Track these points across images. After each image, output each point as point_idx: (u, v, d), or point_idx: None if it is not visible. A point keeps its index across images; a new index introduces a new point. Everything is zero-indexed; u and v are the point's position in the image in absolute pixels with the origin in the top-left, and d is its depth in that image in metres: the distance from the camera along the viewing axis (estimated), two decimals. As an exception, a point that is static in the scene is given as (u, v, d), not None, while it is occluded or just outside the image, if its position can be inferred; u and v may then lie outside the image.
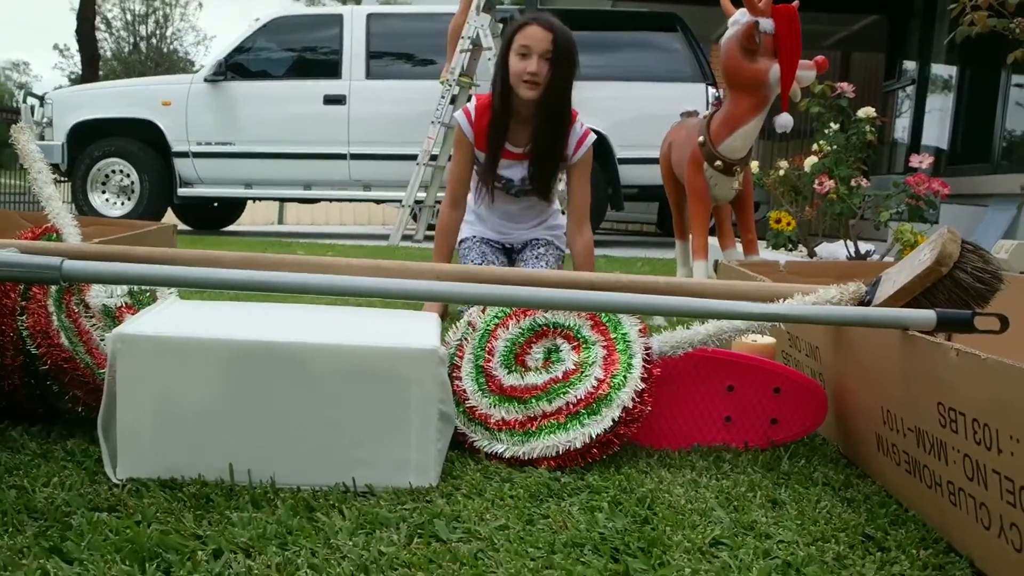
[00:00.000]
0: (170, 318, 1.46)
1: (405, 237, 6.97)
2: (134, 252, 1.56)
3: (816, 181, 4.76)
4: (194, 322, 1.46)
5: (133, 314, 1.65)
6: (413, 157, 6.95)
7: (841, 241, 5.00)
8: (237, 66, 7.52)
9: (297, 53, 7.72)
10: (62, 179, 7.74)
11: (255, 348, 1.34)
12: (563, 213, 3.03)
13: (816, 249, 5.16)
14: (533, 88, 2.56)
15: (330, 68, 7.48)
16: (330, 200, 8.27)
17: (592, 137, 2.77)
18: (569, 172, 2.74)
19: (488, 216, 2.89)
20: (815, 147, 5.00)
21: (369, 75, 7.41)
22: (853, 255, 4.58)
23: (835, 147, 4.86)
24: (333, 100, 7.34)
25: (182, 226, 8.52)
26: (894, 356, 1.36)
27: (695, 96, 6.90)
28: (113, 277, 1.31)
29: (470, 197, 2.86)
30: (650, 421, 1.58)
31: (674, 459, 1.54)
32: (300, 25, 7.80)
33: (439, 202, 7.84)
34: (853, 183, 4.69)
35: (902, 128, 8.32)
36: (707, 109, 5.43)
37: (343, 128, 7.33)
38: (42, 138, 7.53)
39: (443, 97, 6.91)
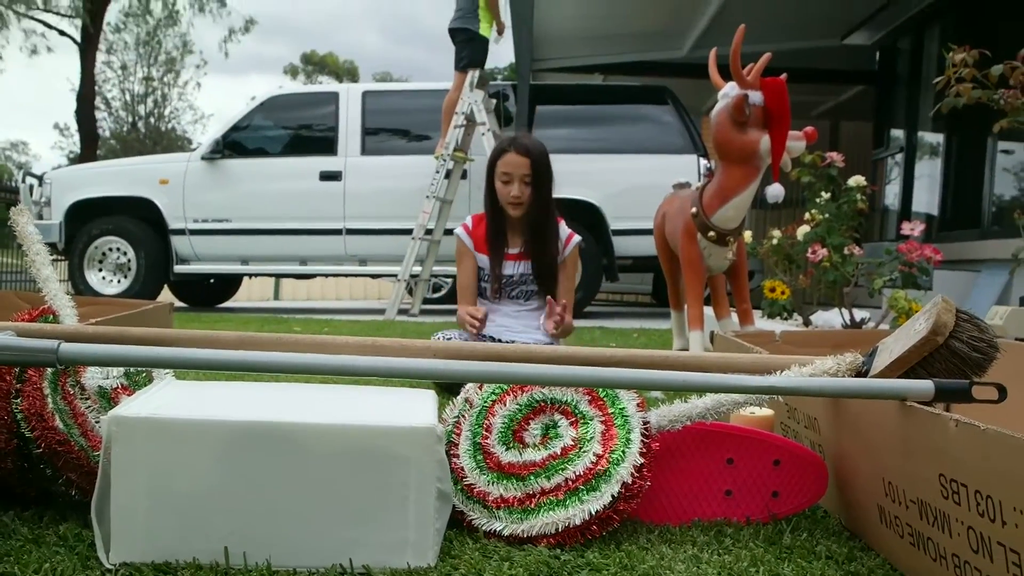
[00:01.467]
0: (166, 399, 1.46)
1: (401, 311, 6.98)
2: (130, 333, 1.56)
3: (809, 250, 4.80)
4: (190, 403, 1.46)
5: (129, 395, 1.64)
6: (408, 232, 7.00)
7: (836, 309, 5.02)
8: (234, 144, 7.62)
9: (293, 130, 7.83)
10: (59, 257, 7.77)
11: (251, 429, 1.33)
12: None
13: (811, 317, 5.17)
14: (518, 207, 2.98)
15: (326, 145, 7.57)
16: (326, 275, 8.31)
17: (577, 239, 3.15)
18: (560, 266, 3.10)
19: (492, 319, 3.06)
20: (807, 216, 5.06)
21: (365, 151, 7.50)
22: (848, 323, 4.60)
23: (827, 216, 4.92)
24: (329, 176, 7.42)
25: (178, 303, 8.53)
26: (893, 427, 1.36)
27: (687, 167, 6.99)
28: (110, 359, 1.31)
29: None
30: (650, 496, 1.56)
31: (675, 534, 1.52)
32: (296, 103, 7.92)
33: (434, 276, 7.92)
34: (846, 251, 4.73)
35: (892, 195, 8.41)
36: (699, 180, 5.50)
37: (339, 204, 7.40)
38: (40, 217, 7.59)
39: (438, 172, 6.99)
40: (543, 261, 3.04)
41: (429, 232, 7.05)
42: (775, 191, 3.56)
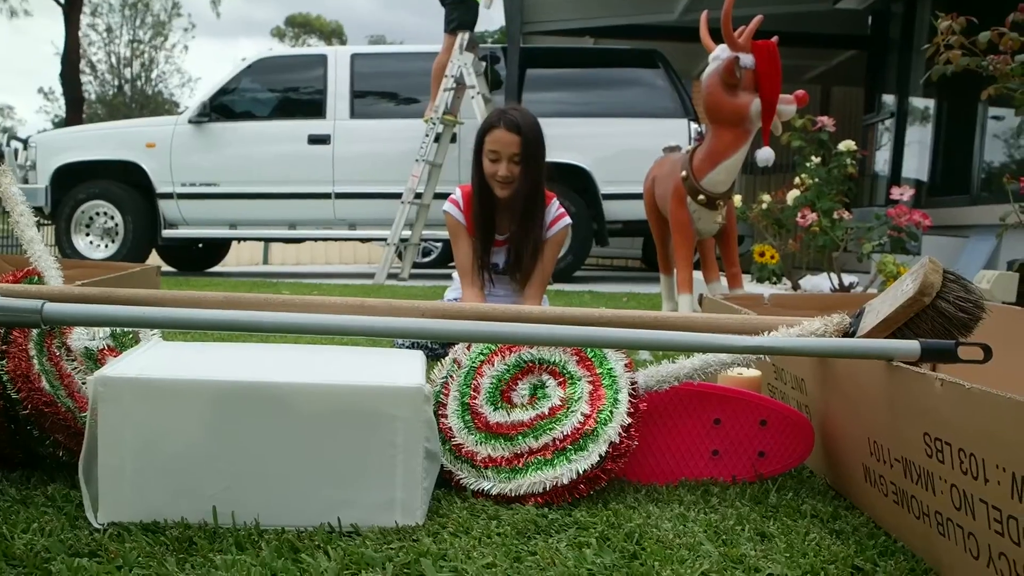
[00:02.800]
0: (152, 360, 1.45)
1: (391, 276, 6.97)
2: (116, 294, 1.55)
3: (799, 214, 4.80)
4: (176, 363, 1.45)
5: (116, 356, 1.63)
6: (398, 196, 6.97)
7: (825, 273, 5.03)
8: (222, 107, 7.55)
9: (282, 93, 7.75)
10: (46, 222, 7.72)
11: (238, 389, 1.33)
12: None
13: (800, 282, 5.18)
14: (506, 187, 2.77)
15: (315, 108, 7.51)
16: (315, 240, 8.28)
17: (566, 221, 2.91)
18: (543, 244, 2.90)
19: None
20: (797, 180, 5.05)
21: (353, 114, 7.45)
22: (837, 287, 4.61)
23: (817, 180, 4.91)
24: (318, 140, 7.37)
25: (166, 267, 8.49)
26: (879, 387, 1.36)
27: (677, 131, 6.96)
28: (95, 319, 1.30)
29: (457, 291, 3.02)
30: (637, 456, 1.57)
31: (662, 493, 1.53)
32: (285, 66, 7.84)
33: (424, 240, 7.90)
34: (835, 215, 4.73)
35: (882, 161, 8.40)
36: (689, 144, 5.48)
37: (328, 167, 7.35)
38: (26, 181, 7.52)
39: (427, 135, 6.95)
40: (522, 246, 2.83)
41: (418, 196, 7.02)
42: (765, 155, 3.55)
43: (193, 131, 7.44)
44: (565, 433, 1.50)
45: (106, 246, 7.49)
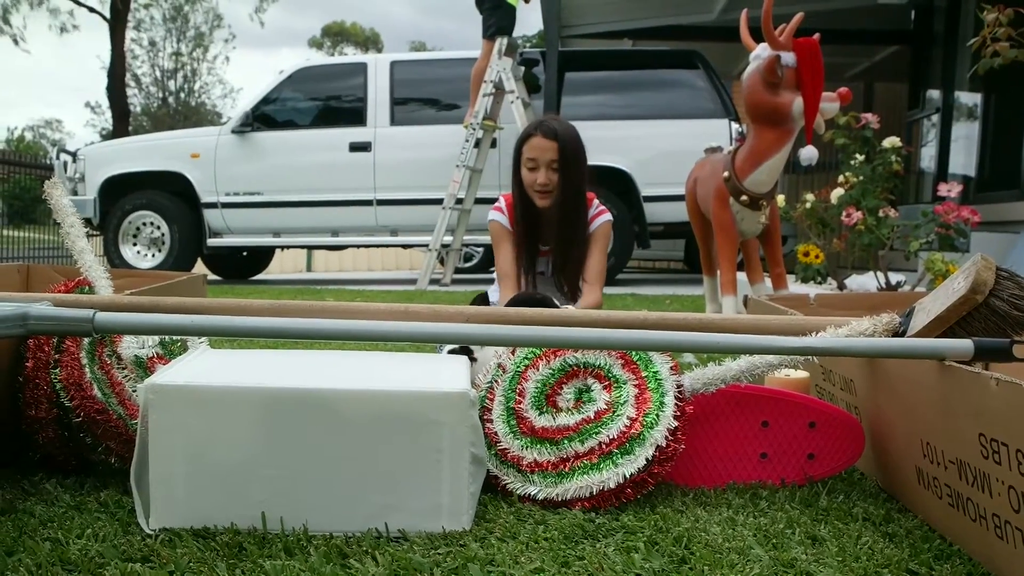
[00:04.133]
0: (201, 367, 1.47)
1: (433, 281, 7.00)
2: (165, 303, 1.57)
3: (843, 213, 4.74)
4: (225, 371, 1.47)
5: (165, 364, 1.65)
6: (439, 201, 6.99)
7: (871, 272, 4.96)
8: (264, 117, 7.64)
9: (322, 102, 7.83)
10: (94, 233, 7.85)
11: (286, 396, 1.34)
12: None
13: (846, 281, 5.12)
14: (546, 197, 2.72)
15: (355, 116, 7.57)
16: (357, 246, 8.33)
17: (607, 216, 2.86)
18: (588, 242, 2.84)
19: None
20: (841, 179, 4.99)
21: (394, 121, 7.49)
22: (884, 286, 4.54)
23: (861, 178, 4.85)
24: (359, 147, 7.42)
25: (212, 276, 8.61)
26: (932, 387, 1.34)
27: (718, 132, 6.91)
28: (145, 328, 1.32)
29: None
30: (684, 459, 1.56)
31: (710, 497, 1.52)
32: (325, 75, 7.92)
33: (466, 245, 7.92)
34: (881, 213, 4.66)
35: (928, 157, 8.27)
36: (731, 145, 5.44)
37: (369, 175, 7.40)
38: (75, 193, 7.67)
39: (467, 141, 6.97)
40: (567, 252, 2.78)
41: (459, 201, 7.04)
42: (808, 153, 3.51)
43: (236, 141, 7.53)
44: (611, 437, 1.49)
45: (153, 255, 7.60)
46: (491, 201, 3.34)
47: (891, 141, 4.86)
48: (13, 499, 1.44)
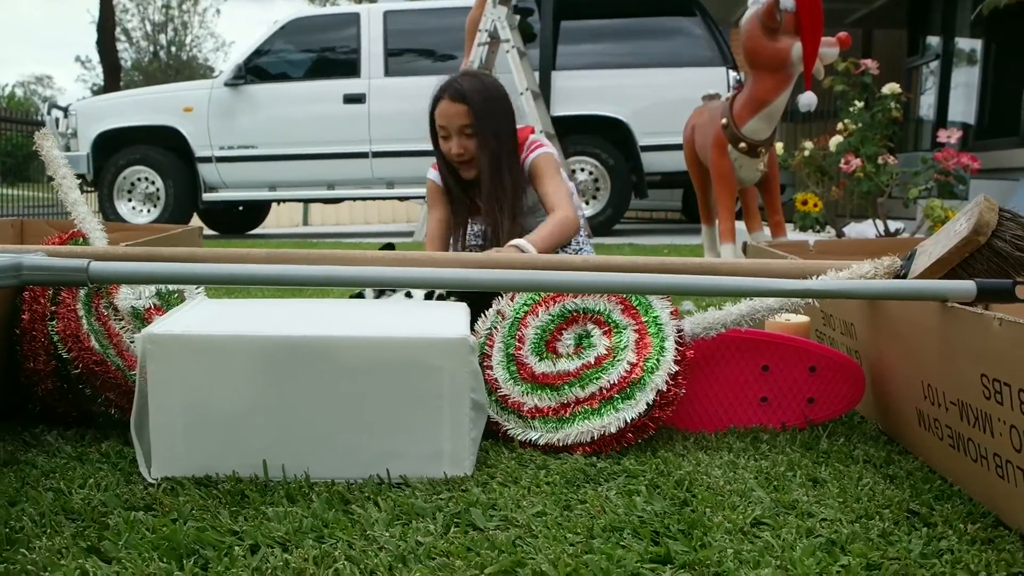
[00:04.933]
0: (198, 316, 1.46)
1: (429, 233, 6.97)
2: (160, 253, 1.56)
3: (842, 160, 4.71)
4: (222, 320, 1.46)
5: (161, 315, 1.64)
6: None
7: (869, 220, 4.95)
8: (256, 69, 7.55)
9: (315, 54, 7.74)
10: (89, 189, 7.81)
11: (284, 343, 1.33)
12: None
13: (844, 229, 5.11)
14: (468, 167, 2.39)
15: (349, 67, 7.49)
16: (354, 199, 8.30)
17: (541, 150, 2.45)
18: (533, 182, 2.45)
19: None
20: (840, 126, 4.95)
21: (388, 72, 7.41)
22: (882, 234, 4.53)
23: (860, 125, 4.81)
24: (353, 99, 7.35)
25: (208, 231, 8.57)
26: (933, 329, 1.33)
27: (716, 80, 6.84)
28: (140, 277, 1.31)
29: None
30: (685, 404, 1.56)
31: (711, 441, 1.52)
32: (317, 26, 7.82)
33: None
34: (880, 161, 4.64)
35: (927, 105, 8.21)
36: (729, 93, 5.39)
37: (364, 127, 7.34)
38: (68, 149, 7.60)
39: (463, 92, 6.89)
40: (497, 222, 2.37)
41: (455, 153, 6.99)
42: (807, 99, 3.48)
43: (229, 94, 7.46)
44: (612, 382, 1.48)
45: (148, 211, 7.57)
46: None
47: (891, 88, 4.82)
48: (15, 450, 1.44)
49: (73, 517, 1.17)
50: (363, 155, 7.40)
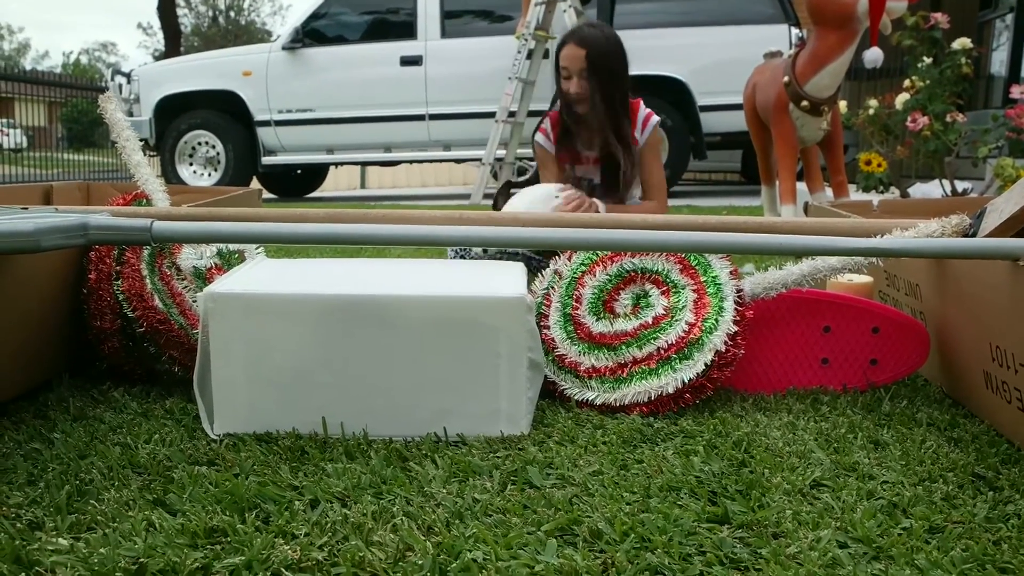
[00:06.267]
0: (259, 276, 1.48)
1: (486, 196, 6.96)
2: (222, 213, 1.58)
3: (908, 118, 4.58)
4: (283, 279, 1.47)
5: (223, 275, 1.67)
6: (491, 115, 6.91)
7: (936, 181, 4.82)
8: (314, 32, 7.57)
9: (372, 16, 7.72)
10: (151, 153, 7.93)
11: (344, 302, 1.34)
12: None
13: (909, 190, 4.98)
14: (582, 103, 2.66)
15: (405, 29, 7.46)
16: (410, 162, 8.31)
17: (655, 119, 2.77)
18: (644, 152, 2.75)
19: None
20: (907, 83, 4.81)
21: (444, 34, 7.38)
22: (949, 194, 4.41)
23: (928, 82, 4.67)
24: (410, 61, 7.34)
25: (267, 195, 8.67)
26: (1003, 289, 1.29)
27: (777, 38, 6.67)
28: (201, 236, 1.33)
29: None
30: (744, 365, 1.54)
31: (769, 403, 1.50)
32: (373, -12, 7.79)
33: (519, 159, 7.84)
34: (948, 118, 4.50)
35: (999, 61, 7.94)
36: (791, 50, 5.27)
37: (420, 89, 7.33)
38: (130, 114, 7.72)
39: (519, 52, 6.85)
40: (611, 160, 2.68)
41: (512, 114, 6.95)
42: (873, 55, 3.39)
43: (287, 58, 7.49)
44: (670, 342, 1.47)
45: (209, 175, 7.67)
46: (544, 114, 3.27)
47: (961, 42, 4.66)
48: (83, 406, 1.48)
49: (139, 471, 1.20)
50: (420, 118, 7.40)
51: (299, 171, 8.77)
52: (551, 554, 0.95)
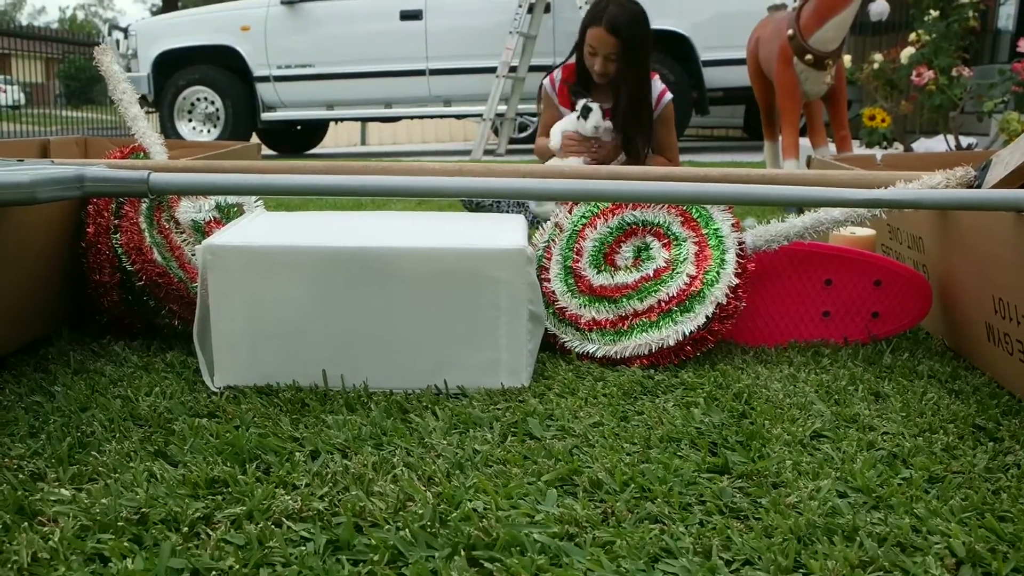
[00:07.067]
0: (258, 228, 1.47)
1: (487, 151, 6.93)
2: (220, 165, 1.56)
3: (913, 72, 4.54)
4: (282, 231, 1.46)
5: (221, 228, 1.66)
6: (492, 70, 6.85)
7: (940, 136, 4.78)
8: (312, -14, 7.48)
9: (371, -31, 7.62)
10: (150, 110, 7.88)
11: (344, 254, 1.34)
12: None
13: (913, 145, 4.95)
14: (604, 78, 2.74)
15: (405, -17, 7.37)
16: (411, 118, 8.26)
17: (668, 97, 2.85)
18: (658, 124, 2.85)
19: None
20: (912, 36, 4.76)
21: (444, -12, 7.29)
22: (953, 149, 4.38)
23: (934, 35, 4.62)
24: (410, 16, 7.26)
25: (267, 151, 8.63)
26: (1007, 241, 1.28)
27: (782, -9, 6.60)
28: (199, 188, 1.31)
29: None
30: (745, 318, 1.54)
31: (770, 355, 1.50)
32: (373, -60, 7.68)
33: (520, 115, 7.79)
34: (954, 72, 4.46)
35: (1006, 15, 7.84)
36: (795, 2, 5.21)
37: (421, 44, 7.26)
38: (128, 70, 7.65)
39: (520, 6, 6.77)
40: (631, 124, 2.77)
41: (513, 69, 6.89)
42: (879, 8, 3.35)
43: (286, 12, 7.41)
44: (671, 294, 1.47)
45: (208, 131, 7.62)
46: (546, 69, 3.28)
47: (967, -6, 4.60)
48: (84, 360, 1.48)
49: (140, 423, 1.20)
50: (420, 73, 7.33)
51: (299, 127, 8.72)
52: (551, 504, 0.95)
